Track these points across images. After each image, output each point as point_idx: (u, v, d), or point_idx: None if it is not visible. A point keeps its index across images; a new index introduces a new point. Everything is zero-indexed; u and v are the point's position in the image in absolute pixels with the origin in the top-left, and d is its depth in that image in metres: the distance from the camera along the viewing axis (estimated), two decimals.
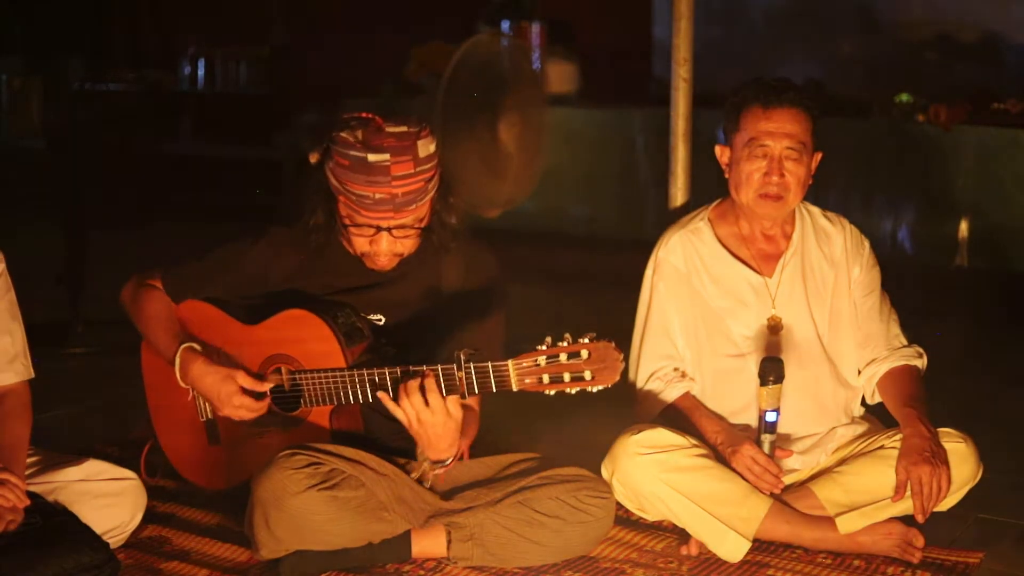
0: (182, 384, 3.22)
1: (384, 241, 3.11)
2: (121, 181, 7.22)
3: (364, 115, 3.07)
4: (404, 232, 3.11)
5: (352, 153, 3.02)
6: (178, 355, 3.20)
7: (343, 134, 3.05)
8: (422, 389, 2.90)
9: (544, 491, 3.14)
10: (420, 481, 3.10)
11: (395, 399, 2.94)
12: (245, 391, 3.13)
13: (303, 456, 3.04)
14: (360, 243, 3.14)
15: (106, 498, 3.14)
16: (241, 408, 3.14)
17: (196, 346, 3.21)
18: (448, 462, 3.04)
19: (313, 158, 3.14)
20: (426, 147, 3.05)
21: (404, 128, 3.05)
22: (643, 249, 3.54)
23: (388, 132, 3.03)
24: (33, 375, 3.17)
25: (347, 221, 3.11)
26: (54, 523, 2.97)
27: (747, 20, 8.55)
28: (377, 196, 3.02)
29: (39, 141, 8.47)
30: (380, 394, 2.96)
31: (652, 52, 8.69)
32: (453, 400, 2.93)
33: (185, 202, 8.29)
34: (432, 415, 2.91)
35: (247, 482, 3.10)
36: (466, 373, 2.88)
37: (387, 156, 3.00)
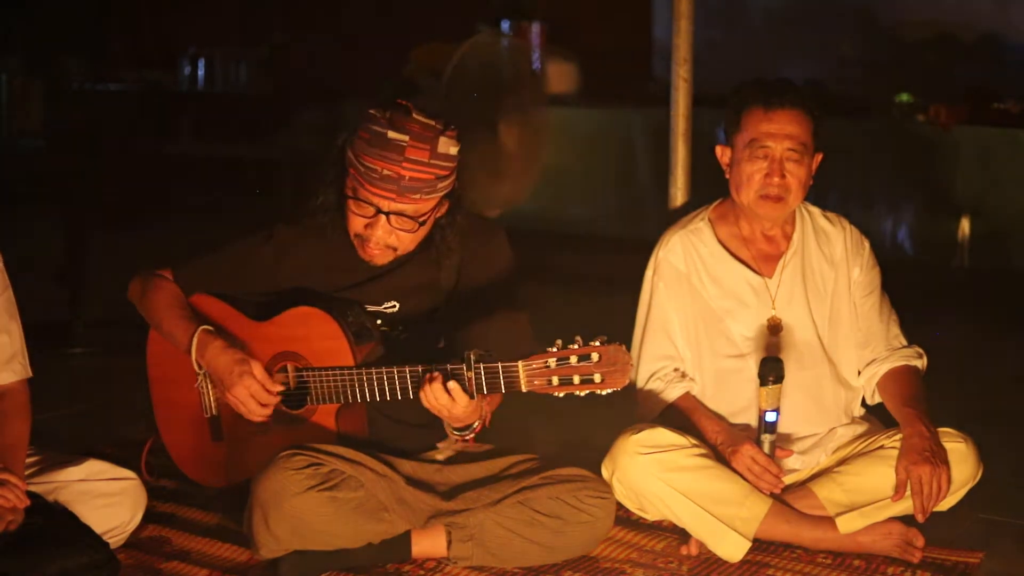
0: (196, 368, 3.21)
1: (380, 227, 3.10)
2: (121, 181, 7.21)
3: (401, 102, 3.09)
4: (401, 223, 3.09)
5: (375, 128, 3.05)
6: (195, 336, 3.17)
7: (374, 111, 3.08)
8: (445, 388, 2.93)
9: (544, 491, 3.14)
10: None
11: (415, 398, 2.98)
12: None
13: (303, 457, 3.04)
14: (357, 222, 3.12)
15: (106, 498, 3.14)
16: (250, 391, 3.08)
17: (212, 328, 3.20)
18: (475, 425, 3.07)
19: (341, 140, 3.15)
20: (446, 145, 3.06)
21: (432, 121, 3.07)
22: (643, 249, 3.54)
23: (415, 119, 3.06)
24: (31, 374, 3.17)
25: (349, 192, 3.11)
26: (54, 523, 2.96)
27: (747, 20, 8.55)
28: (384, 172, 3.02)
29: (39, 141, 8.46)
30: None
31: (652, 52, 8.70)
32: None
33: (185, 202, 8.28)
34: (459, 406, 2.95)
35: (246, 480, 3.10)
36: (476, 373, 2.89)
37: (406, 137, 3.02)
